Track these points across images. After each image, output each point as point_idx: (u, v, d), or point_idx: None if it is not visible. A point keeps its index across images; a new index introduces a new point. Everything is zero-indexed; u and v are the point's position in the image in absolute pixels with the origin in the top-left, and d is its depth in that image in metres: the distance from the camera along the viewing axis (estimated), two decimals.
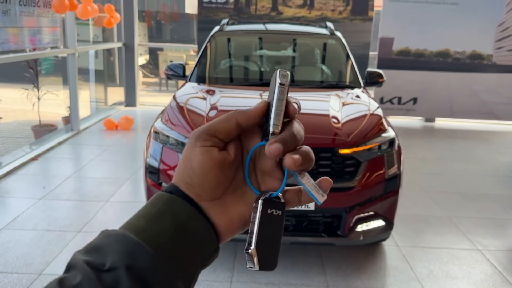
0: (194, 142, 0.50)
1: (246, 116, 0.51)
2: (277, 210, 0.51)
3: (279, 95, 0.49)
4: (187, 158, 0.51)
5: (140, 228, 0.46)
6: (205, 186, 0.50)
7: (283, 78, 0.49)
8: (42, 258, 3.03)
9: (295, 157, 0.49)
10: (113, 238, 0.45)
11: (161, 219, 0.47)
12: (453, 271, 3.09)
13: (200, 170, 0.50)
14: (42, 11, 5.42)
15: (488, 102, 7.38)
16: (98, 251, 0.45)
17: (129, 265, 0.43)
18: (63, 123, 6.66)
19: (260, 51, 4.56)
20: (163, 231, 0.46)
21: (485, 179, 4.98)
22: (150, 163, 3.03)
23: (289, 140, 0.49)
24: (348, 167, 2.86)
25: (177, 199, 0.49)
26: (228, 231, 0.52)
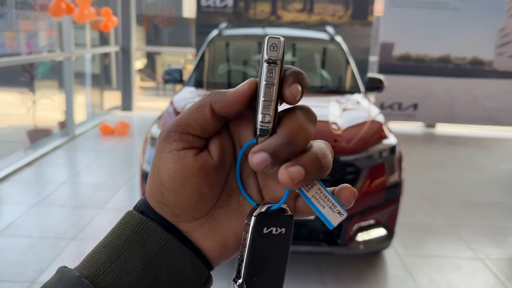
0: (162, 145, 0.38)
1: (224, 101, 0.36)
2: (279, 227, 0.39)
3: (267, 77, 0.34)
4: (155, 168, 0.38)
5: (102, 265, 0.37)
6: (182, 204, 0.38)
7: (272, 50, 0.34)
8: (35, 266, 2.96)
9: (293, 171, 0.34)
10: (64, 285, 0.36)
11: (127, 252, 0.37)
12: (455, 280, 3.03)
13: (171, 184, 0.37)
14: (38, 15, 5.37)
15: (489, 108, 7.34)
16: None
17: None
18: (59, 128, 6.59)
19: (259, 56, 4.51)
20: (128, 270, 0.36)
21: (487, 187, 4.93)
22: (146, 170, 2.96)
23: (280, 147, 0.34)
24: (348, 174, 2.80)
25: (148, 224, 0.38)
26: (220, 256, 0.41)
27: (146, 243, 0.37)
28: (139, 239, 0.37)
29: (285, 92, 0.35)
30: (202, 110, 0.37)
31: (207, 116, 0.37)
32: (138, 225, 0.38)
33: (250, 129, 0.38)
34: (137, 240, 0.37)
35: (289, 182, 0.34)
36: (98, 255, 0.38)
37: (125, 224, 0.39)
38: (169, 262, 0.37)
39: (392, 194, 2.91)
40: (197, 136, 0.38)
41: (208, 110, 0.37)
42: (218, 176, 0.39)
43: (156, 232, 0.38)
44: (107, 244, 0.38)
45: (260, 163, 0.34)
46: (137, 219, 0.39)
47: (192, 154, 0.37)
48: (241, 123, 0.39)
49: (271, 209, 0.38)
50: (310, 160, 0.35)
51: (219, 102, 0.37)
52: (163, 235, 0.38)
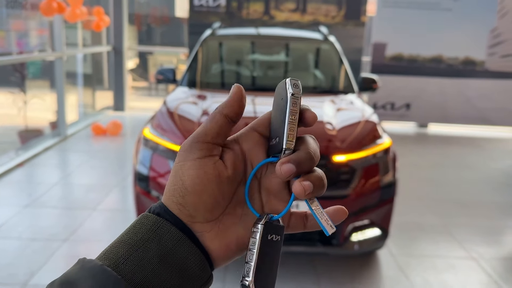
0: (185, 155, 0.45)
1: (229, 105, 0.46)
2: (277, 235, 0.46)
3: (292, 106, 0.43)
4: (177, 174, 0.45)
5: (121, 257, 0.42)
6: (200, 207, 0.44)
7: (295, 88, 0.44)
8: (27, 268, 2.92)
9: (306, 184, 0.43)
10: (89, 272, 0.40)
11: (144, 247, 0.42)
12: (449, 280, 3.04)
13: (193, 188, 0.44)
14: (29, 14, 5.31)
15: (481, 108, 7.39)
16: (72, 286, 0.40)
17: None
18: (50, 128, 6.53)
19: (253, 56, 4.50)
20: (146, 261, 0.42)
21: (480, 186, 4.96)
22: (139, 171, 2.94)
23: (304, 160, 0.44)
24: (342, 174, 2.79)
25: (163, 224, 0.44)
26: (224, 257, 0.47)
27: (161, 240, 0.43)
28: (155, 237, 0.43)
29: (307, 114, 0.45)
30: (215, 119, 0.45)
31: (220, 122, 0.45)
32: (154, 225, 0.44)
33: (262, 152, 0.47)
34: (153, 238, 0.43)
35: (302, 192, 0.43)
36: (116, 249, 0.42)
37: (141, 224, 0.44)
38: (181, 257, 0.43)
39: (387, 194, 2.92)
40: (214, 143, 0.45)
41: (220, 118, 0.45)
42: (230, 187, 0.46)
43: (171, 231, 0.43)
44: (124, 240, 0.43)
45: (287, 171, 0.43)
46: (153, 219, 0.44)
47: (212, 162, 0.45)
48: (254, 147, 0.47)
49: (272, 219, 0.46)
50: (317, 178, 0.44)
51: (226, 107, 0.46)
52: (177, 234, 0.43)
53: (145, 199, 2.93)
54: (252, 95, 3.74)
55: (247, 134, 0.48)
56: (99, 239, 3.37)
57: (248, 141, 0.47)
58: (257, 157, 0.47)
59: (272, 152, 0.46)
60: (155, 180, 2.87)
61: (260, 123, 0.48)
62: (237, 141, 0.48)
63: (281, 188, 0.47)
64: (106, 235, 3.43)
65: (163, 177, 2.86)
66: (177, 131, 2.95)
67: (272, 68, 4.45)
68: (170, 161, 2.84)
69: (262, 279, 0.45)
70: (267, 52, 4.58)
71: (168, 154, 2.86)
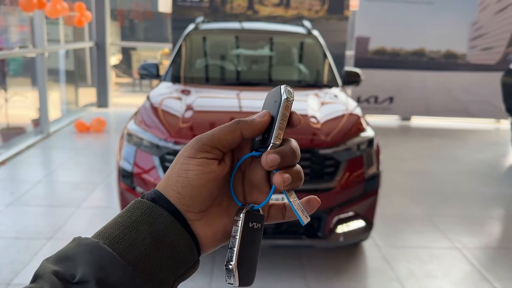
0: (195, 152, 0.48)
1: (252, 128, 0.50)
2: (257, 223, 0.50)
3: (284, 109, 0.49)
4: (182, 167, 0.48)
5: (116, 237, 0.44)
6: (196, 198, 0.48)
7: (289, 94, 0.50)
8: (10, 267, 2.89)
9: (285, 176, 0.48)
10: (85, 248, 0.43)
11: (137, 228, 0.45)
12: (433, 270, 3.08)
13: (195, 182, 0.48)
14: (8, 9, 5.22)
15: (463, 101, 7.49)
16: (69, 260, 0.42)
17: (100, 279, 0.41)
18: (32, 125, 6.43)
19: (237, 50, 4.48)
20: (139, 241, 0.45)
21: (462, 177, 5.03)
22: (123, 167, 2.91)
23: (287, 154, 0.48)
24: (327, 167, 2.81)
25: (156, 208, 0.47)
26: (211, 244, 0.51)
27: (154, 223, 0.46)
28: (148, 220, 0.46)
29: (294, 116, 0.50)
30: (234, 135, 0.49)
31: (237, 139, 0.50)
32: (147, 209, 0.47)
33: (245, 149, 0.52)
34: (146, 221, 0.46)
35: (281, 183, 0.48)
36: (111, 230, 0.45)
37: (135, 208, 0.47)
38: (172, 240, 0.46)
39: (371, 186, 2.94)
40: (222, 151, 0.49)
41: (238, 135, 0.49)
42: (224, 182, 0.51)
43: (163, 215, 0.47)
44: (118, 222, 0.46)
45: (273, 160, 0.47)
46: (147, 204, 0.47)
47: (216, 164, 0.49)
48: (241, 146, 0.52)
49: (253, 209, 0.51)
50: (296, 172, 0.49)
51: (248, 129, 0.50)
52: (169, 218, 0.47)
53: (130, 196, 2.91)
54: (236, 90, 3.73)
55: None
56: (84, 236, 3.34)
57: None
58: (243, 153, 0.52)
59: (257, 147, 0.50)
60: (140, 176, 2.85)
61: None
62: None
63: (262, 181, 0.52)
64: (91, 232, 3.36)
65: (147, 173, 2.84)
66: (161, 127, 2.93)
67: (256, 63, 4.44)
68: (154, 157, 2.82)
69: (245, 263, 0.49)
70: (251, 46, 4.57)
71: (152, 150, 2.84)
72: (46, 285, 0.40)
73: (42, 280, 0.41)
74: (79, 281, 0.41)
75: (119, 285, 0.41)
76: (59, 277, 0.41)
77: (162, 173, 2.78)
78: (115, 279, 0.41)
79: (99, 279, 0.41)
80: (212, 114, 3.28)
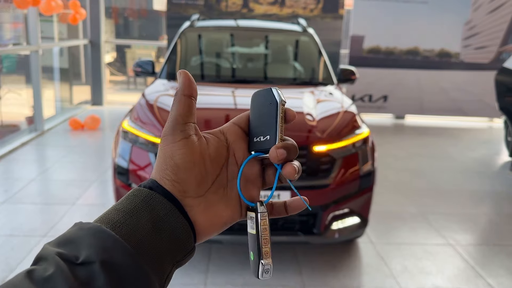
0: (171, 138, 0.50)
1: (184, 86, 0.52)
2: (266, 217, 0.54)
3: (282, 112, 0.53)
4: (167, 155, 0.50)
5: (117, 222, 0.45)
6: (191, 181, 0.50)
7: (282, 96, 0.53)
8: (5, 265, 2.88)
9: (296, 164, 0.52)
10: (88, 231, 0.43)
11: (138, 214, 0.46)
12: (427, 266, 3.10)
13: (184, 165, 0.50)
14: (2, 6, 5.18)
15: (457, 99, 7.53)
16: (72, 243, 0.43)
17: (105, 260, 0.41)
18: (26, 123, 6.40)
19: (232, 48, 4.49)
20: (140, 227, 0.46)
21: (456, 175, 5.06)
22: (119, 164, 2.91)
23: (292, 148, 0.52)
24: (323, 164, 2.82)
25: (155, 196, 0.48)
26: (206, 231, 0.52)
27: (154, 209, 0.47)
28: (148, 206, 0.47)
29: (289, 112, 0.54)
30: (181, 101, 0.51)
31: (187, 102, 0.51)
32: (147, 196, 0.48)
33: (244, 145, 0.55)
34: (146, 207, 0.47)
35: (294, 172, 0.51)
36: (112, 216, 0.46)
37: (134, 195, 0.48)
38: (171, 226, 0.47)
39: (366, 183, 2.96)
40: (189, 123, 0.51)
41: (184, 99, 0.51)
42: (213, 167, 0.53)
43: (162, 202, 0.48)
44: (118, 208, 0.47)
45: (282, 154, 0.51)
46: (146, 192, 0.48)
47: (195, 141, 0.51)
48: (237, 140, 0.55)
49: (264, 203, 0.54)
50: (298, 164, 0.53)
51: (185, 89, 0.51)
52: (168, 205, 0.48)
53: (125, 192, 2.89)
54: (231, 87, 3.73)
55: (230, 128, 0.55)
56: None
57: (232, 134, 0.55)
58: (240, 149, 0.55)
59: (258, 147, 0.54)
60: (135, 173, 2.85)
61: (241, 120, 0.56)
62: (223, 132, 0.55)
63: (257, 176, 0.55)
64: None
65: (143, 170, 2.84)
66: (157, 123, 2.93)
67: (252, 60, 4.44)
68: (150, 154, 2.82)
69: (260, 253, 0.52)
70: (247, 44, 4.57)
71: (148, 147, 2.84)
72: (50, 266, 0.40)
73: (46, 262, 0.41)
74: (83, 262, 0.41)
75: (123, 267, 0.42)
76: (63, 258, 0.41)
77: None
78: (119, 261, 0.42)
79: (103, 260, 0.41)
80: (207, 111, 3.28)
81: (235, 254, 3.13)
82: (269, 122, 0.53)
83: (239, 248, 3.18)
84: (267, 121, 0.53)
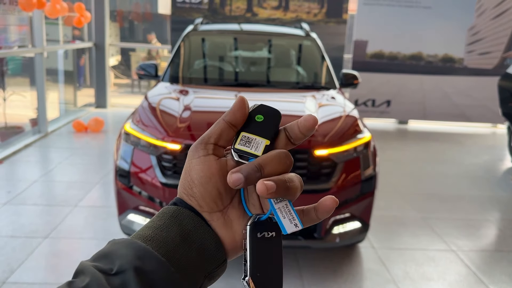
0: (192, 154, 0.52)
1: (230, 112, 0.52)
2: (270, 231, 0.50)
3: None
4: (186, 170, 0.52)
5: (148, 236, 0.47)
6: (206, 197, 0.51)
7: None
8: (6, 266, 2.88)
9: (268, 183, 0.46)
10: (120, 245, 0.46)
11: (167, 229, 0.48)
12: (429, 272, 3.09)
13: (199, 180, 0.50)
14: (8, 9, 5.22)
15: (460, 105, 7.51)
16: (106, 257, 0.45)
17: (137, 268, 0.43)
18: (30, 125, 6.44)
19: (235, 52, 4.50)
20: (169, 239, 0.47)
21: (458, 181, 5.04)
22: (120, 166, 2.92)
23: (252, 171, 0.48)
24: (324, 168, 2.82)
25: (183, 210, 0.50)
26: (233, 246, 0.52)
27: (182, 223, 0.49)
28: (176, 221, 0.49)
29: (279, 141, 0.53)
30: (218, 124, 0.52)
31: (222, 127, 0.51)
32: (175, 212, 0.50)
33: None
34: (175, 222, 0.49)
35: (264, 190, 0.46)
36: (142, 232, 0.48)
37: (163, 213, 0.50)
38: (199, 238, 0.49)
39: (367, 188, 2.95)
40: (217, 144, 0.52)
41: (222, 123, 0.52)
42: None
43: (190, 216, 0.50)
44: (148, 226, 0.49)
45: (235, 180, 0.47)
46: (173, 208, 0.51)
47: (214, 159, 0.51)
48: None
49: (261, 219, 0.50)
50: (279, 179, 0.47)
51: (228, 114, 0.52)
52: (195, 218, 0.50)
53: (126, 195, 2.91)
54: (234, 91, 3.74)
55: None
56: (80, 236, 3.34)
57: None
58: None
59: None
60: (136, 176, 2.86)
61: None
62: None
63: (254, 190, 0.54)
64: (88, 232, 3.40)
65: (144, 172, 2.84)
66: (159, 126, 2.93)
67: (255, 64, 4.45)
68: (152, 156, 2.83)
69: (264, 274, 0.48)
70: (250, 48, 4.58)
71: (149, 149, 2.85)
72: (87, 278, 0.42)
73: (83, 275, 0.43)
74: (117, 272, 0.43)
75: (154, 274, 0.44)
76: (99, 270, 0.43)
77: (159, 172, 2.79)
78: (150, 268, 0.44)
79: (136, 267, 0.43)
80: (210, 114, 3.29)
81: (236, 260, 3.12)
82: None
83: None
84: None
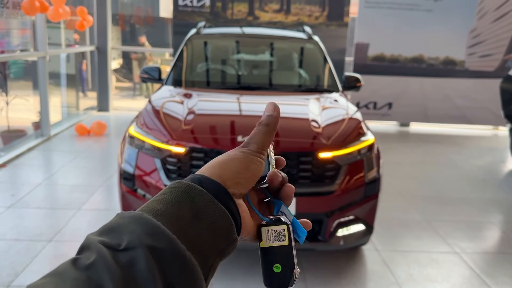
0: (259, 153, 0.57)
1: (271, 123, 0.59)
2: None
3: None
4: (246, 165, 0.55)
5: (158, 211, 0.47)
6: (247, 188, 0.55)
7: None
8: (10, 269, 2.88)
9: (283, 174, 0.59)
10: (129, 219, 0.45)
11: (178, 204, 0.48)
12: (432, 274, 3.09)
13: (257, 177, 0.56)
14: (11, 13, 5.24)
15: (461, 107, 7.52)
16: (114, 231, 0.44)
17: (146, 245, 0.42)
18: (33, 128, 6.45)
19: (238, 55, 4.51)
20: (180, 216, 0.47)
21: (461, 183, 5.05)
22: (125, 169, 2.92)
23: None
24: (328, 171, 2.83)
25: (195, 188, 0.50)
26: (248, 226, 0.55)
27: (194, 200, 0.49)
28: (188, 197, 0.49)
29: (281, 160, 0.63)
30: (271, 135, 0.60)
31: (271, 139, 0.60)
32: (187, 187, 0.50)
33: None
34: (187, 198, 0.49)
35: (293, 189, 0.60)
36: (152, 205, 0.48)
37: (174, 187, 0.50)
38: (211, 215, 0.49)
39: (371, 190, 2.95)
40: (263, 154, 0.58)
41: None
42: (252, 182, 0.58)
43: (202, 193, 0.50)
44: (159, 200, 0.49)
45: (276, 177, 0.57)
46: (185, 184, 0.50)
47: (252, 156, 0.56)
48: None
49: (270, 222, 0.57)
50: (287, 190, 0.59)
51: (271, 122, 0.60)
52: (208, 195, 0.50)
53: (131, 198, 2.92)
54: (237, 94, 3.75)
55: None
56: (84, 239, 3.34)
57: None
58: None
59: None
60: (141, 179, 2.86)
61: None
62: None
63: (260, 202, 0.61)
64: None
65: (148, 176, 2.85)
66: (163, 129, 2.94)
67: (257, 67, 4.46)
68: (156, 159, 2.84)
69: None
70: (252, 51, 4.60)
71: (154, 152, 2.86)
72: (92, 254, 0.41)
73: (89, 250, 0.42)
74: (125, 248, 0.42)
75: (164, 251, 0.43)
76: (106, 246, 0.42)
77: (163, 175, 2.79)
78: (160, 246, 0.43)
79: (145, 245, 0.42)
80: (213, 117, 3.30)
81: (236, 261, 3.13)
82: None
83: (240, 255, 3.18)
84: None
